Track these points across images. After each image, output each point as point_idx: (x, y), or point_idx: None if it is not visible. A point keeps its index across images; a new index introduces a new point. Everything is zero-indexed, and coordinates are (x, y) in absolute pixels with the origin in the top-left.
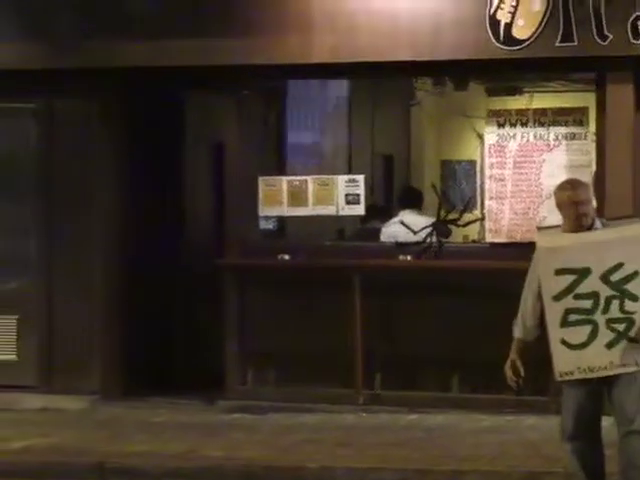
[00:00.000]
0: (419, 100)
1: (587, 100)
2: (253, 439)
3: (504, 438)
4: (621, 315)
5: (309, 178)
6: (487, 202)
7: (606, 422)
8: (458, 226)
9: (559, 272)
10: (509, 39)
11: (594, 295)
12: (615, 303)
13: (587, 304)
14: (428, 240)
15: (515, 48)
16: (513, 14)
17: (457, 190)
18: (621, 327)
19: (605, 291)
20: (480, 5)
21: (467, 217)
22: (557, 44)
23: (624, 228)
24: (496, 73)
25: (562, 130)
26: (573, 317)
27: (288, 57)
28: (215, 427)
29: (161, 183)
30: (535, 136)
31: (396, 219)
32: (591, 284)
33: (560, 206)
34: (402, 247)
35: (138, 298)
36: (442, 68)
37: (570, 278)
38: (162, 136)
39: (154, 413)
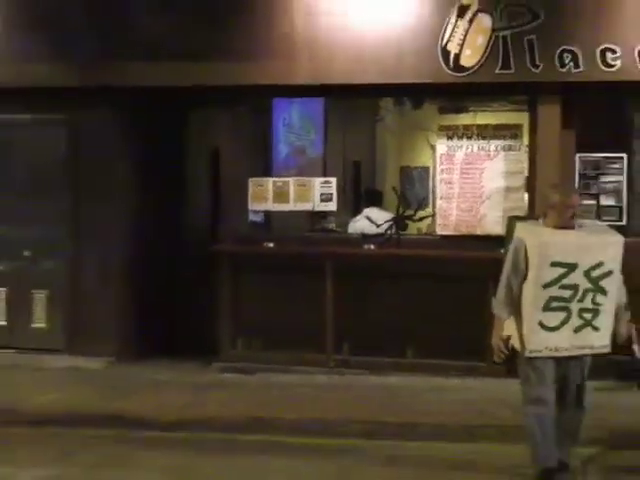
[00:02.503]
0: (383, 116)
1: (521, 118)
2: (240, 395)
3: (450, 397)
4: (591, 306)
5: (291, 179)
6: (438, 201)
7: None
8: (414, 221)
9: (554, 264)
10: (457, 66)
11: (575, 287)
12: (589, 295)
13: (567, 294)
14: (389, 232)
15: (462, 74)
16: (461, 46)
17: (413, 191)
18: (589, 316)
19: (584, 284)
20: (434, 38)
21: (421, 214)
22: (497, 71)
23: (605, 234)
24: (446, 95)
25: (500, 143)
26: (554, 304)
27: (275, 79)
28: (210, 385)
29: (168, 183)
30: (478, 147)
31: (362, 214)
32: (575, 277)
33: (556, 206)
34: (367, 238)
35: (149, 279)
36: (402, 90)
37: (561, 270)
38: (169, 144)
39: (160, 373)
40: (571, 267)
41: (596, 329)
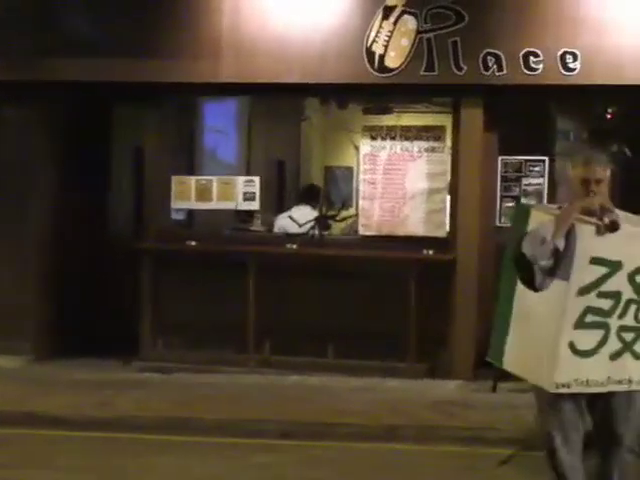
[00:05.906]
0: (308, 116)
1: (445, 120)
2: (161, 395)
3: (369, 397)
4: (634, 324)
5: (214, 178)
6: (361, 202)
7: None
8: (336, 221)
9: (594, 261)
10: (382, 67)
11: (616, 295)
12: (632, 309)
13: (607, 304)
14: (311, 232)
15: (387, 75)
16: (386, 47)
17: (337, 191)
18: (629, 337)
19: (627, 292)
20: (359, 38)
21: (344, 214)
22: (421, 73)
23: None
24: (371, 95)
25: (424, 144)
26: (590, 318)
27: (200, 77)
28: (128, 384)
29: (91, 179)
30: (401, 148)
31: (285, 214)
32: (618, 282)
33: (571, 184)
34: (290, 237)
35: (67, 276)
36: (327, 90)
37: (603, 271)
38: (92, 140)
39: (79, 372)
40: (614, 267)
41: (637, 357)
